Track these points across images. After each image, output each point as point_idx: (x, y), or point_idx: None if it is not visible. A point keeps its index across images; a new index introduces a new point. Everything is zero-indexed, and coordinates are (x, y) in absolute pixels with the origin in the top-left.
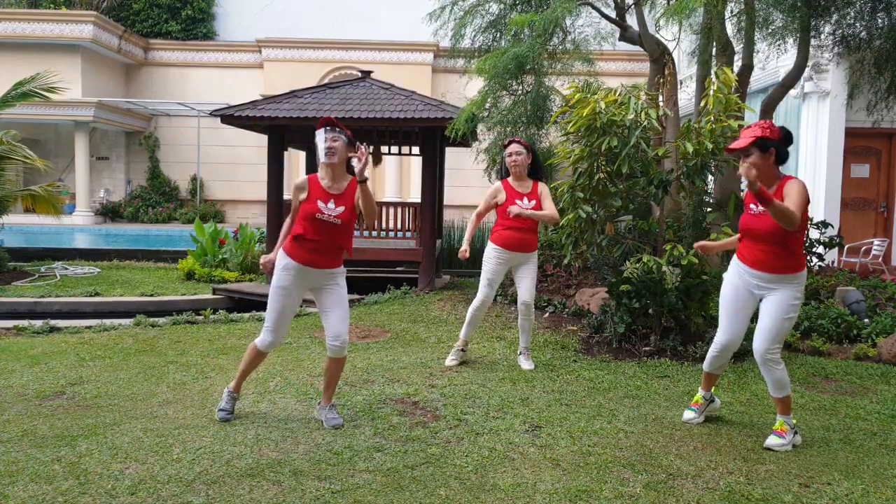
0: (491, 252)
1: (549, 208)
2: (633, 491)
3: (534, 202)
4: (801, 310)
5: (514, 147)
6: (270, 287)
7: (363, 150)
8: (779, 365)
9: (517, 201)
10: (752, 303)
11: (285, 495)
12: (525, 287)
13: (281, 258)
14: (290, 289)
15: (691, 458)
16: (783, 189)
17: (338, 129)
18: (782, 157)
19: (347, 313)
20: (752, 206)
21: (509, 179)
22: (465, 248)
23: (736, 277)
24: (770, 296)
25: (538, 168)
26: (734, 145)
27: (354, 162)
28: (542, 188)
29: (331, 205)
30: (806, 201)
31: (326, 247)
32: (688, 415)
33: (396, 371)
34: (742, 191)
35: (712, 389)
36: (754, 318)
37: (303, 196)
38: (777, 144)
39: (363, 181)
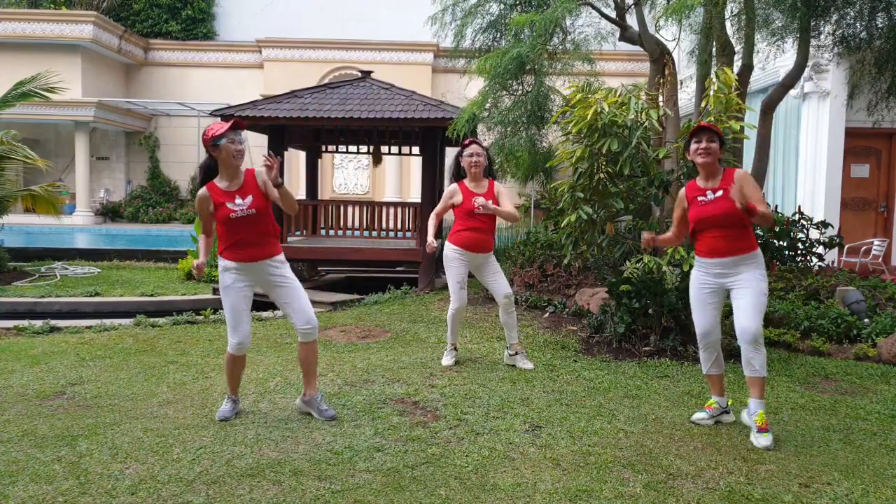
0: (452, 254)
1: (509, 206)
2: (633, 491)
3: (490, 201)
4: (801, 310)
5: (475, 148)
6: (220, 291)
7: (273, 158)
8: (763, 342)
9: (474, 200)
10: (718, 294)
11: (285, 495)
12: (500, 282)
13: (220, 262)
14: (237, 286)
15: (691, 458)
16: (732, 177)
17: (241, 131)
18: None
19: (308, 299)
20: (699, 197)
21: (465, 181)
22: (431, 242)
23: (700, 273)
24: (737, 281)
25: (491, 168)
26: (709, 125)
27: (263, 169)
28: (499, 187)
29: (238, 200)
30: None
31: (255, 239)
32: (698, 415)
33: (396, 371)
34: None
35: (729, 402)
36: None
37: (210, 207)
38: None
39: (279, 185)
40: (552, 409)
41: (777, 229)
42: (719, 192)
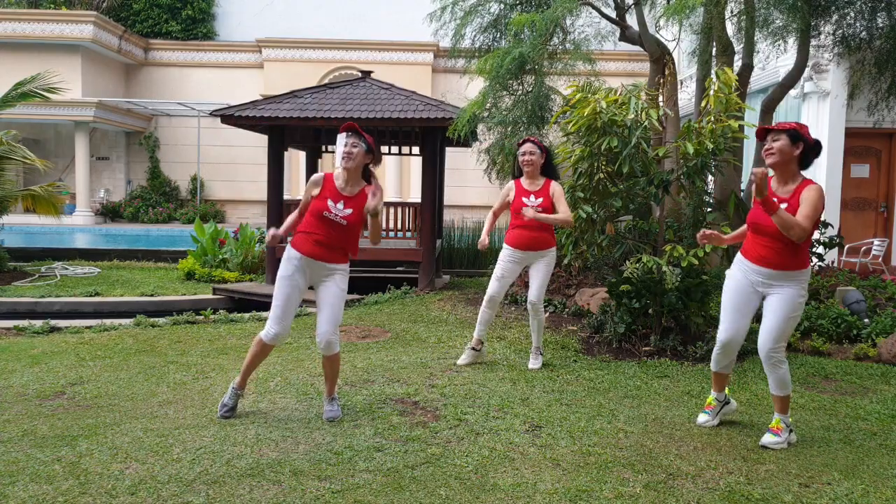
0: (504, 251)
1: (563, 211)
2: (633, 491)
3: (541, 199)
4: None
5: (527, 146)
6: (276, 279)
7: (378, 187)
8: (783, 364)
9: (524, 199)
10: (754, 301)
11: (285, 495)
12: (533, 286)
13: (287, 250)
14: (294, 278)
15: (691, 458)
16: (801, 192)
17: (360, 135)
18: (807, 160)
19: (336, 314)
20: None
21: (521, 179)
22: (484, 239)
23: (739, 274)
24: (774, 294)
25: (552, 167)
26: (781, 125)
27: (369, 198)
28: (555, 188)
29: (340, 205)
30: (820, 210)
31: (330, 243)
32: (702, 418)
33: (396, 371)
34: (742, 191)
35: (726, 391)
36: (757, 317)
37: (315, 192)
38: (807, 144)
39: (375, 215)
40: (552, 409)
41: None
42: (784, 205)
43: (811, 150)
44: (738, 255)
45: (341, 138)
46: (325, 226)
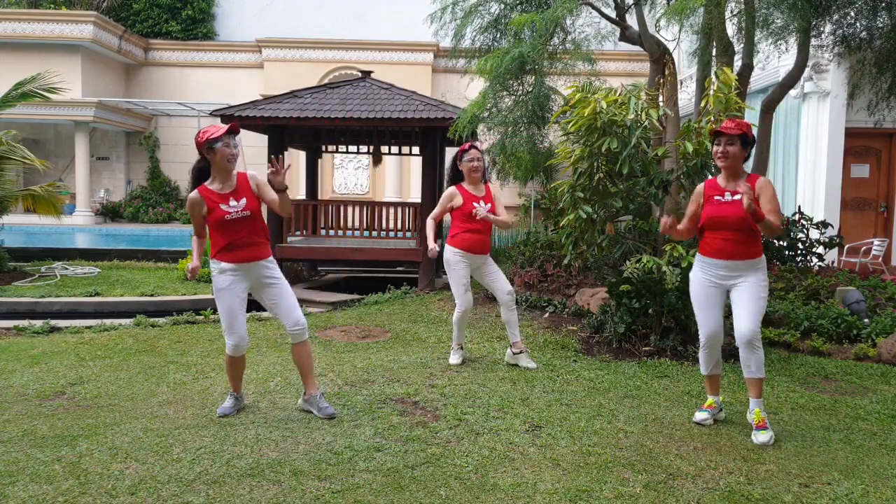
0: (454, 256)
1: (503, 212)
2: (633, 491)
3: (489, 205)
4: (801, 310)
5: (474, 153)
6: (215, 292)
7: (280, 162)
8: (761, 345)
9: (475, 204)
10: (720, 295)
11: (285, 495)
12: (501, 280)
13: (214, 264)
14: (233, 288)
15: (691, 458)
16: (754, 186)
17: (236, 135)
18: (748, 158)
19: (296, 300)
20: (716, 196)
21: (464, 184)
22: (433, 247)
23: (701, 273)
24: (739, 285)
25: (485, 171)
26: (726, 128)
27: (259, 173)
28: (496, 191)
29: (232, 202)
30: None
31: (249, 240)
32: (700, 415)
33: (396, 371)
34: None
35: (720, 398)
36: (727, 313)
37: (203, 210)
38: (752, 144)
39: (283, 190)
40: (552, 409)
41: None
42: (738, 196)
43: (752, 146)
44: (697, 256)
45: (225, 139)
46: (236, 228)
